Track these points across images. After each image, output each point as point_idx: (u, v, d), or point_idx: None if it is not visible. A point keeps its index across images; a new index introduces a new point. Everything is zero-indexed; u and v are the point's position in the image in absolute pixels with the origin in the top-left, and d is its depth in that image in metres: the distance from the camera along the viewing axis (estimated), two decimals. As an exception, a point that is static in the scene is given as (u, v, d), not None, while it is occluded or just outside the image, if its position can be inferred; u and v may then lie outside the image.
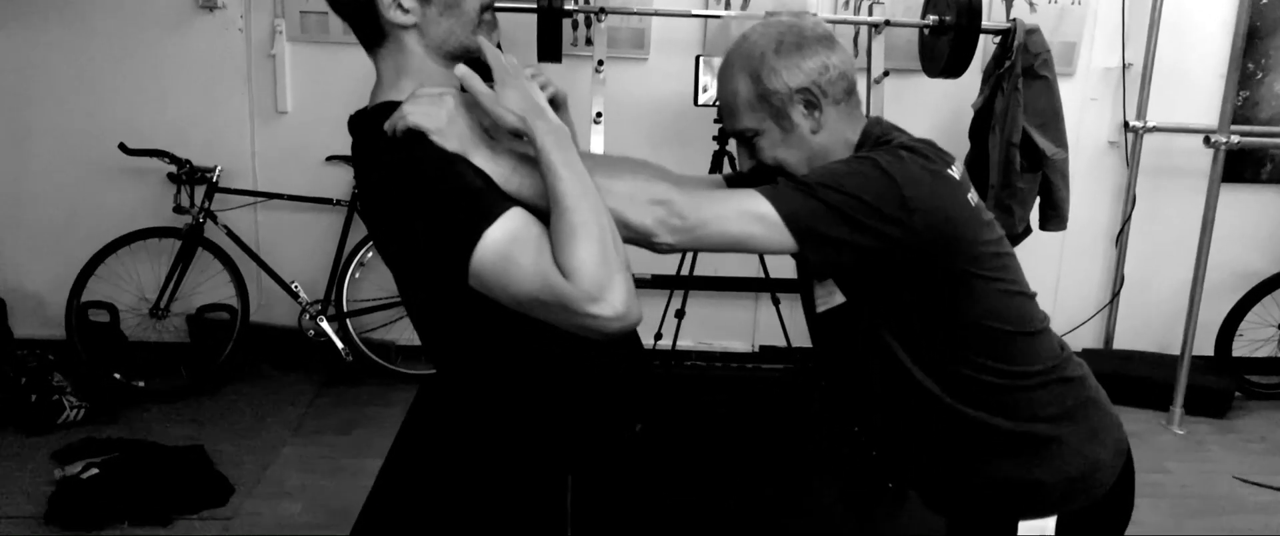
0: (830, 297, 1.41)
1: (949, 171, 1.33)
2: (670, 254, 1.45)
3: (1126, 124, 4.03)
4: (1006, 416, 1.38)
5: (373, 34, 1.27)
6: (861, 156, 1.32)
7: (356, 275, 3.86)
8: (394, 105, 1.21)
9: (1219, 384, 3.93)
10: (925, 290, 1.33)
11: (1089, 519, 1.40)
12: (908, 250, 1.27)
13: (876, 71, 3.43)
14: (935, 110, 3.94)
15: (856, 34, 3.78)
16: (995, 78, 3.49)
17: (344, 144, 4.16)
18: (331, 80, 3.86)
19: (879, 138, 1.38)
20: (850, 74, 1.40)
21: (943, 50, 3.42)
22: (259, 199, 3.86)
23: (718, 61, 3.29)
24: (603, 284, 1.11)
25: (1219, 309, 4.03)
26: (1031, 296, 1.43)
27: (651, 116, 3.89)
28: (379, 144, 1.21)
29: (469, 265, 1.13)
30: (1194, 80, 4.03)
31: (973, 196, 1.36)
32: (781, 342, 3.97)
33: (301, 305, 3.80)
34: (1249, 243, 4.24)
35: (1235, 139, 3.50)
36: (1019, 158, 3.45)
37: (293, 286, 3.80)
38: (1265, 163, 4.21)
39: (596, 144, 3.29)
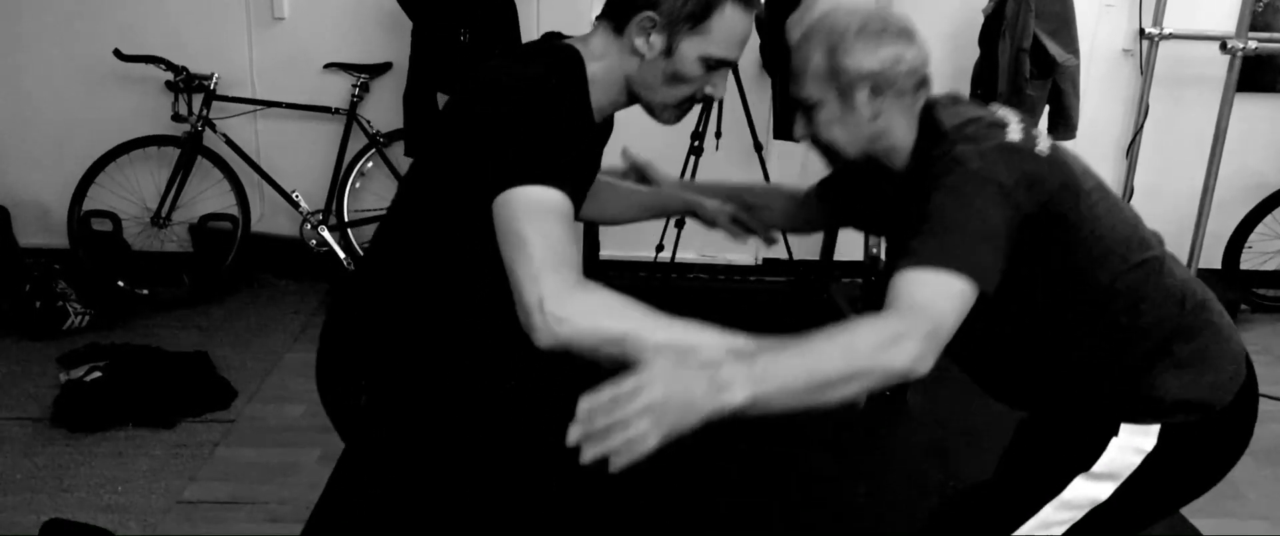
0: None
1: (1010, 139, 1.32)
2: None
3: (1142, 31, 3.93)
4: (1158, 331, 1.37)
5: (616, 25, 1.35)
6: (955, 187, 1.27)
7: (357, 185, 3.85)
8: (557, 57, 1.32)
9: (1225, 296, 3.90)
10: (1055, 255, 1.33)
11: (1197, 433, 1.39)
12: (1034, 225, 1.28)
13: (885, -25, 3.33)
14: (947, 15, 3.84)
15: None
16: (1007, -20, 3.39)
17: (341, 51, 4.10)
18: (329, -16, 3.79)
19: (936, 136, 1.37)
20: (922, 70, 1.40)
21: (953, -48, 3.31)
22: (258, 107, 3.82)
23: None
24: (559, 318, 1.16)
25: (1231, 220, 3.98)
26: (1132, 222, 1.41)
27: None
28: (516, 70, 1.30)
29: (524, 187, 1.19)
30: (1215, -16, 3.91)
31: (1042, 145, 1.34)
32: (784, 255, 3.96)
33: (302, 214, 3.80)
34: (1264, 153, 4.16)
35: (1253, 45, 3.40)
36: (1028, 64, 3.37)
37: (293, 195, 3.79)
38: (1284, 71, 4.11)
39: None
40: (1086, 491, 1.39)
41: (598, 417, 1.04)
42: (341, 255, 3.77)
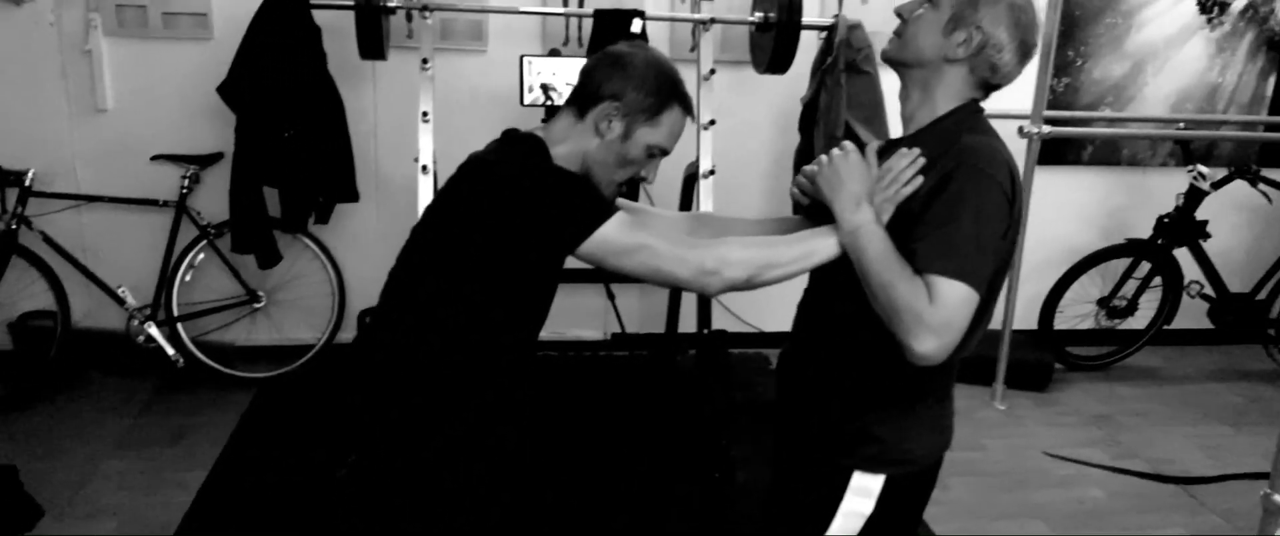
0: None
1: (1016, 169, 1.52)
2: None
3: (955, 111, 4.16)
4: (924, 386, 1.57)
5: (580, 110, 1.63)
6: (984, 192, 1.43)
7: (187, 278, 3.76)
8: (530, 144, 1.60)
9: (1039, 358, 4.14)
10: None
11: (906, 486, 1.61)
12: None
13: (705, 68, 3.46)
14: (770, 103, 4.02)
15: (693, 30, 3.80)
16: (821, 72, 3.57)
17: (170, 142, 4.03)
18: (154, 76, 3.72)
19: (975, 124, 1.53)
20: (1005, 74, 1.53)
21: (768, 46, 3.48)
22: (80, 201, 3.71)
23: (542, 62, 3.28)
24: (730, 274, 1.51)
25: (1049, 285, 4.23)
26: None
27: (487, 110, 3.86)
28: (512, 156, 1.57)
29: (605, 225, 1.48)
30: (1018, 67, 4.18)
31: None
32: (629, 329, 4.06)
33: (128, 310, 3.68)
34: (1073, 221, 4.46)
35: (1046, 129, 3.66)
36: (842, 150, 3.54)
37: (119, 291, 3.68)
38: (1087, 145, 4.42)
39: (424, 144, 3.23)
40: None
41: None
42: (170, 351, 3.67)
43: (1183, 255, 4.24)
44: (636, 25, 3.33)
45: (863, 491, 1.56)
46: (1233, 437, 3.75)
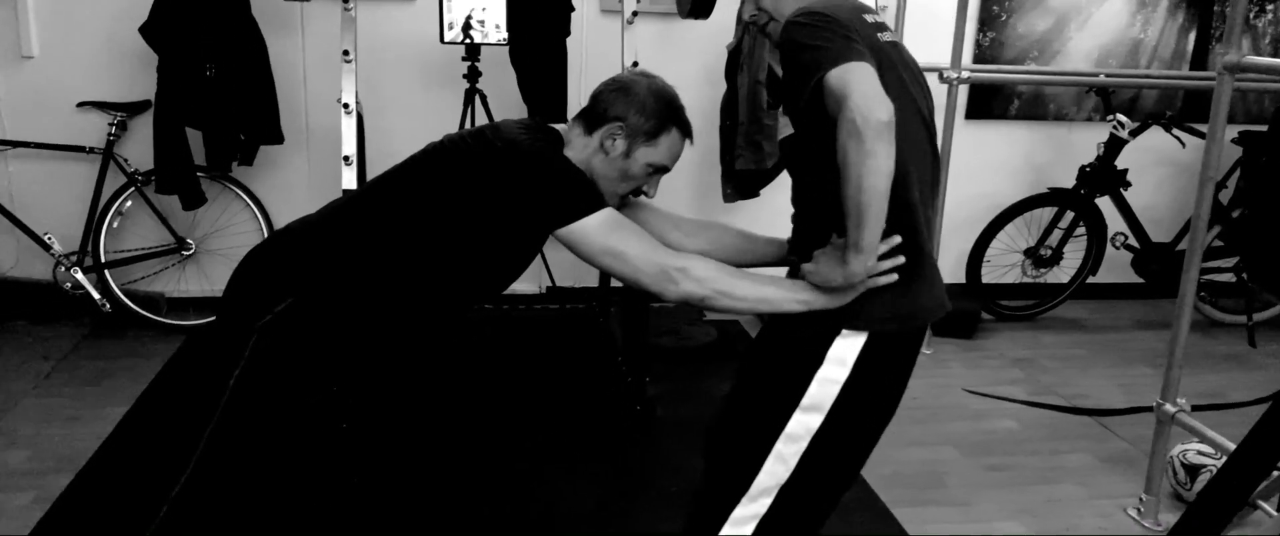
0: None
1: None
2: None
3: (882, 63, 4.23)
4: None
5: (589, 127, 1.78)
6: (792, 32, 1.51)
7: (115, 225, 3.75)
8: (552, 137, 1.79)
9: (967, 307, 4.21)
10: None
11: (891, 350, 1.59)
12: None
13: (628, 12, 3.50)
14: (701, 52, 4.06)
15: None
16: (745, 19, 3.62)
17: (96, 89, 4.00)
18: (81, 22, 3.71)
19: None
20: None
21: (690, -10, 3.52)
22: (5, 148, 3.70)
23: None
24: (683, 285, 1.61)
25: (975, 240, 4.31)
26: None
27: (412, 57, 3.89)
28: (533, 137, 1.73)
29: (586, 218, 1.63)
30: (945, 22, 4.25)
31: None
32: (567, 283, 4.11)
33: (55, 257, 3.68)
34: (1000, 175, 4.54)
35: (966, 74, 3.73)
36: (765, 94, 3.60)
37: (46, 238, 3.67)
38: (1013, 99, 4.50)
39: (346, 84, 3.25)
40: (804, 423, 1.58)
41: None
42: (97, 297, 3.67)
43: (1107, 206, 4.33)
44: (560, -33, 3.36)
45: (836, 364, 1.56)
46: (1151, 377, 3.81)
